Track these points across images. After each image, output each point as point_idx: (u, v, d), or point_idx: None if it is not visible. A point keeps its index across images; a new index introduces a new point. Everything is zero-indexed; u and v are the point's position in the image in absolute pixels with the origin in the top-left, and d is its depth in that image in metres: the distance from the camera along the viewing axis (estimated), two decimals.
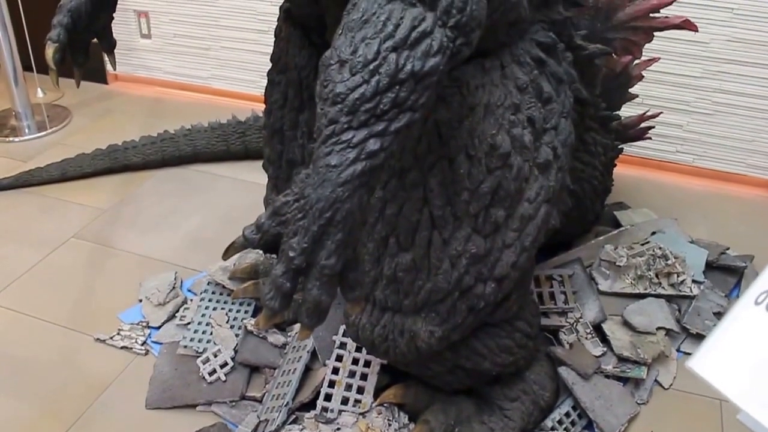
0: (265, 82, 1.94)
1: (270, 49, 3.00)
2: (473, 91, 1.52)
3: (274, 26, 1.89)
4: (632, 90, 2.26)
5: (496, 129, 1.53)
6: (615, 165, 2.34)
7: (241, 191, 2.88)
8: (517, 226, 1.57)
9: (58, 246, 2.56)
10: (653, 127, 2.43)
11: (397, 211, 1.55)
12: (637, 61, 2.17)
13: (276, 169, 1.96)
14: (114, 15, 1.94)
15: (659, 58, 2.33)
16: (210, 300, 2.23)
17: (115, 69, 2.06)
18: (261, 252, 2.29)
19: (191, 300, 2.26)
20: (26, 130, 3.42)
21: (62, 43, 1.79)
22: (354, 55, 1.16)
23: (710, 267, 2.32)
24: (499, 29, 1.51)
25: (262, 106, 1.98)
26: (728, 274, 2.33)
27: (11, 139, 3.37)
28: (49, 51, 1.79)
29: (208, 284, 2.29)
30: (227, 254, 1.26)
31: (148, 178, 2.98)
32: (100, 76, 3.82)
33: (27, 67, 3.53)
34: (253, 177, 2.89)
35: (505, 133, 1.54)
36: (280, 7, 1.91)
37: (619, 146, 2.35)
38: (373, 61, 1.15)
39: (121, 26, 3.60)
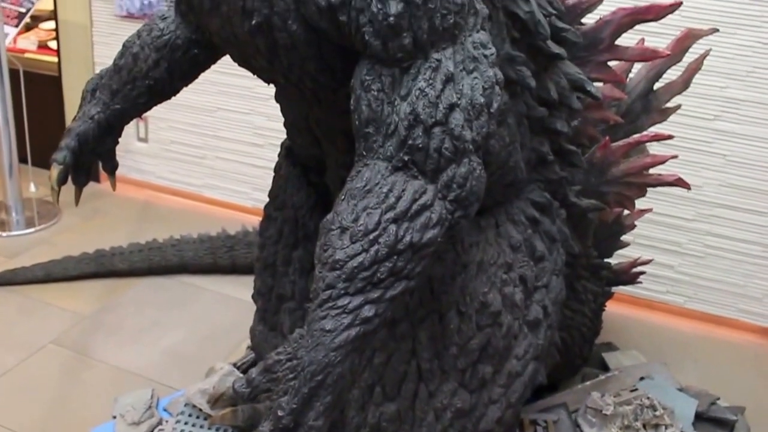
0: (257, 194, 1.95)
1: (264, 163, 3.01)
2: (467, 249, 1.52)
3: (270, 140, 1.91)
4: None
5: (488, 287, 1.53)
6: (604, 309, 2.33)
7: (225, 307, 2.84)
8: (504, 382, 1.57)
9: (35, 351, 2.51)
10: (644, 273, 2.42)
11: (385, 360, 1.54)
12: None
13: (265, 302, 1.95)
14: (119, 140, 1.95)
15: (651, 210, 2.35)
16: (186, 423, 2.16)
17: (114, 189, 2.06)
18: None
19: (167, 421, 2.19)
20: (14, 225, 3.40)
21: (67, 166, 1.81)
22: (355, 223, 1.19)
23: (700, 418, 2.27)
24: (496, 190, 1.52)
25: (253, 218, 1.98)
26: (719, 426, 2.28)
27: None
28: (54, 172, 1.81)
29: (185, 405, 2.22)
30: (215, 404, 1.27)
31: (133, 286, 2.94)
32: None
33: (22, 159, 3.54)
34: (238, 293, 2.86)
35: (497, 292, 1.54)
36: (282, 143, 1.94)
37: (610, 290, 2.34)
38: (374, 231, 1.18)
39: None
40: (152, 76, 1.76)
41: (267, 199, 1.98)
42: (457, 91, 1.22)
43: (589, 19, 1.74)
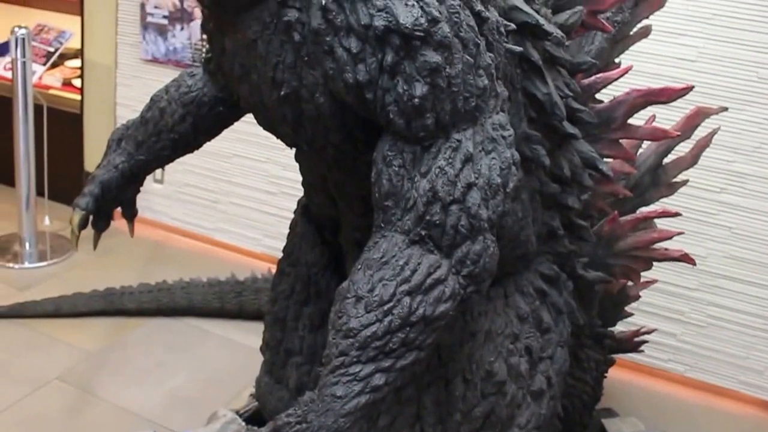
0: (267, 241, 1.99)
1: (276, 211, 3.06)
2: (476, 318, 1.55)
3: (283, 189, 1.95)
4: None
5: (494, 356, 1.56)
6: (605, 376, 2.34)
7: (230, 352, 2.86)
8: None
9: (40, 386, 2.53)
10: (647, 342, 2.45)
11: (389, 422, 1.56)
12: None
13: (273, 355, 1.97)
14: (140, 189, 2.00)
15: (656, 281, 2.38)
16: None
17: (132, 236, 2.11)
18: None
19: None
20: (27, 258, 3.44)
21: (89, 212, 1.86)
22: (371, 293, 1.23)
23: None
24: (507, 262, 1.56)
25: (262, 264, 2.01)
26: None
27: (11, 265, 3.39)
28: (76, 218, 1.86)
29: None
30: None
31: (140, 326, 2.97)
32: None
33: (39, 192, 3.59)
34: (244, 338, 2.88)
35: (503, 361, 1.57)
36: (299, 201, 1.98)
37: (612, 358, 2.36)
38: (388, 302, 1.22)
39: None
40: (177, 130, 1.83)
41: (277, 246, 2.02)
42: (476, 171, 1.26)
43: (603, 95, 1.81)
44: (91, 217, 1.91)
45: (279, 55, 1.32)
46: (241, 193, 3.60)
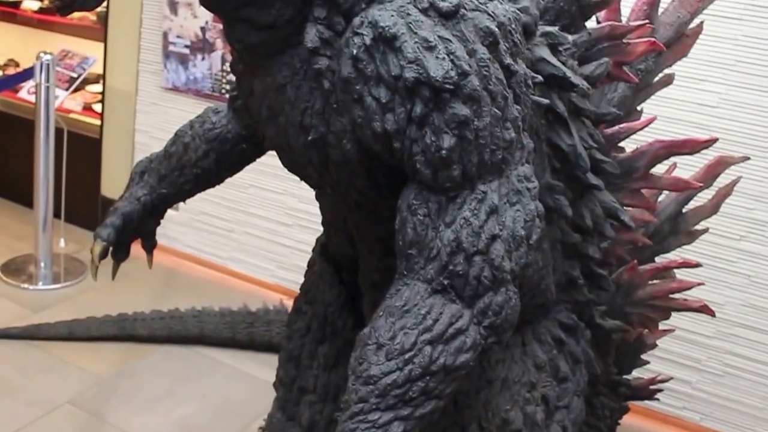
0: (281, 272, 1.99)
1: (291, 243, 3.06)
2: (493, 365, 1.54)
3: (299, 221, 1.96)
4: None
5: (510, 405, 1.55)
6: (619, 424, 2.32)
7: (240, 382, 2.86)
8: None
9: (51, 410, 2.55)
10: (662, 390, 2.42)
11: None
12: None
13: (286, 392, 1.97)
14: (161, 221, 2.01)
15: (674, 330, 2.36)
16: None
17: (151, 267, 2.12)
18: None
19: None
20: (42, 280, 3.47)
21: (110, 243, 1.87)
22: (392, 341, 1.23)
23: None
24: (526, 310, 1.55)
25: (274, 296, 2.01)
26: None
27: (26, 286, 3.42)
28: (96, 248, 1.87)
29: None
30: None
31: (151, 353, 2.98)
32: None
33: (55, 214, 3.63)
34: (254, 370, 2.89)
35: (519, 410, 1.56)
36: (317, 239, 1.98)
37: (626, 406, 2.34)
38: (409, 351, 1.22)
39: None
40: (200, 165, 1.84)
41: (290, 278, 2.01)
42: (500, 223, 1.26)
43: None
44: (110, 248, 1.92)
45: (308, 101, 1.33)
46: (256, 224, 3.61)
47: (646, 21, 1.72)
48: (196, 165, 1.84)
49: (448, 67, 1.20)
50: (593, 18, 1.71)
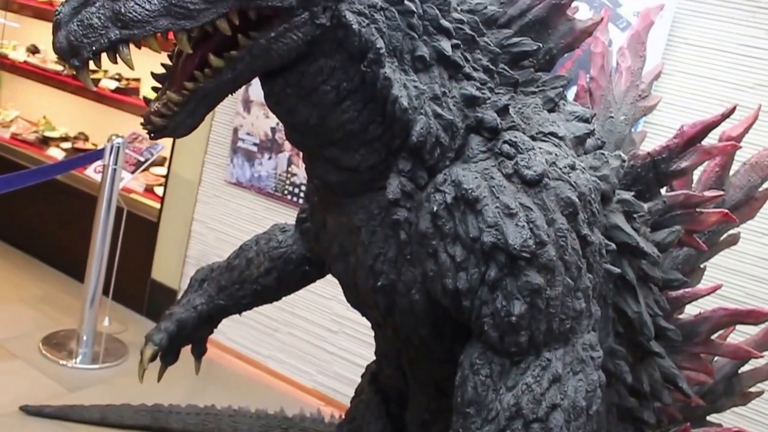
0: (320, 377, 1.97)
1: (334, 350, 3.04)
2: None
3: (344, 328, 1.95)
4: None
5: None
6: None
7: None
8: None
9: None
10: None
11: None
12: None
13: None
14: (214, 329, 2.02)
15: None
16: None
17: (198, 373, 2.12)
18: None
19: None
20: (80, 358, 3.48)
21: (162, 348, 1.87)
22: None
23: None
24: None
25: (312, 400, 1.98)
26: None
27: (65, 362, 3.43)
28: (147, 352, 1.90)
29: None
30: None
31: None
32: None
33: (104, 292, 3.65)
34: None
35: None
36: (368, 366, 1.97)
37: None
38: None
39: None
40: (261, 282, 1.86)
41: (329, 384, 1.98)
42: (562, 392, 1.25)
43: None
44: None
45: (382, 248, 1.35)
46: (301, 326, 3.61)
47: (722, 192, 1.73)
48: (257, 281, 1.86)
49: (526, 235, 1.21)
50: None
